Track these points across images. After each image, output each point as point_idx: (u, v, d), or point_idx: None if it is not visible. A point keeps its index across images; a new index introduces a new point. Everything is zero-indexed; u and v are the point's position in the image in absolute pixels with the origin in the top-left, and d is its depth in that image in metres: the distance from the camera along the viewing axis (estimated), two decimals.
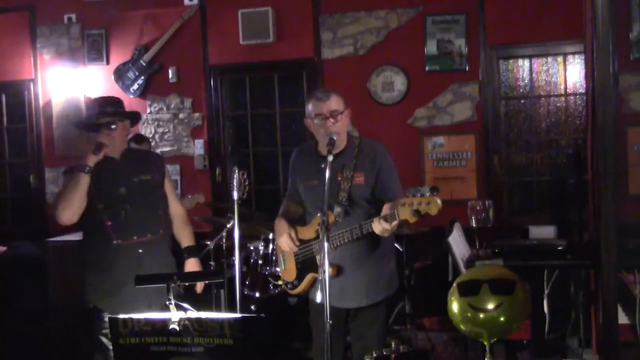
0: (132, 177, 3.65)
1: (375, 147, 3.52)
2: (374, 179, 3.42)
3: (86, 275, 3.70)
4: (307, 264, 3.48)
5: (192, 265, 3.85)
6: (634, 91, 5.56)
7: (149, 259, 3.61)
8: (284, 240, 3.49)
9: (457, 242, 4.03)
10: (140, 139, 5.59)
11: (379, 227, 3.15)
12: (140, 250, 3.61)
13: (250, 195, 6.05)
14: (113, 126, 3.59)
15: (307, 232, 3.49)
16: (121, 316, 2.63)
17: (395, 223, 3.10)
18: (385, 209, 3.13)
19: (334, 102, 3.40)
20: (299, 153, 3.68)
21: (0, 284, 5.61)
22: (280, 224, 3.54)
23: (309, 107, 3.44)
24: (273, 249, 4.65)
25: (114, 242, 3.58)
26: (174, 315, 2.57)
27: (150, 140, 6.43)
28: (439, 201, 2.97)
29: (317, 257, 3.38)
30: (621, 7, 5.30)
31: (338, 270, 3.40)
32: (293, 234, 3.48)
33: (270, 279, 4.69)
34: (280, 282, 3.85)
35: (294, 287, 3.57)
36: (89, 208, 3.59)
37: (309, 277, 3.48)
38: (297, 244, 3.48)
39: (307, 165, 3.55)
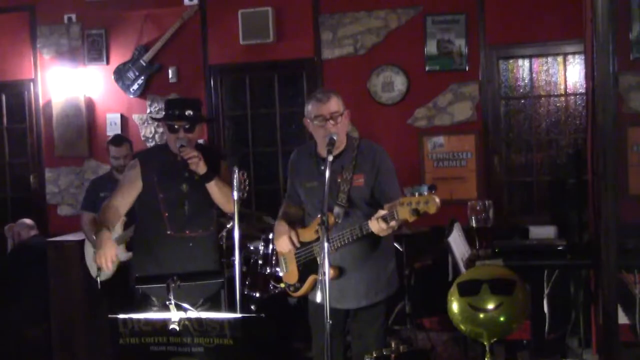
0: (195, 174, 3.73)
1: (375, 149, 3.51)
2: (373, 181, 3.41)
3: (135, 260, 3.92)
4: (308, 266, 3.47)
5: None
6: (634, 91, 5.55)
7: (200, 253, 3.79)
8: (283, 241, 3.49)
9: (457, 242, 4.04)
10: (118, 140, 5.23)
11: (376, 226, 3.14)
12: (191, 244, 3.76)
13: (250, 195, 6.04)
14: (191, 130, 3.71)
15: (308, 234, 3.48)
16: (121, 316, 2.63)
17: (393, 223, 3.10)
18: (384, 209, 3.12)
19: (334, 104, 3.39)
20: (298, 154, 3.66)
21: (3, 281, 5.61)
22: (281, 226, 3.52)
23: (309, 107, 3.43)
24: (273, 249, 4.64)
25: (168, 232, 3.73)
26: (174, 315, 2.57)
27: (150, 140, 6.44)
28: (437, 200, 2.97)
29: (319, 259, 3.36)
30: (621, 7, 5.29)
31: (339, 271, 3.39)
32: (293, 236, 3.47)
33: (270, 279, 4.68)
34: (282, 285, 3.85)
35: (297, 289, 3.56)
36: (150, 195, 3.75)
37: (311, 279, 3.47)
38: (298, 245, 3.48)
39: (307, 167, 3.54)
